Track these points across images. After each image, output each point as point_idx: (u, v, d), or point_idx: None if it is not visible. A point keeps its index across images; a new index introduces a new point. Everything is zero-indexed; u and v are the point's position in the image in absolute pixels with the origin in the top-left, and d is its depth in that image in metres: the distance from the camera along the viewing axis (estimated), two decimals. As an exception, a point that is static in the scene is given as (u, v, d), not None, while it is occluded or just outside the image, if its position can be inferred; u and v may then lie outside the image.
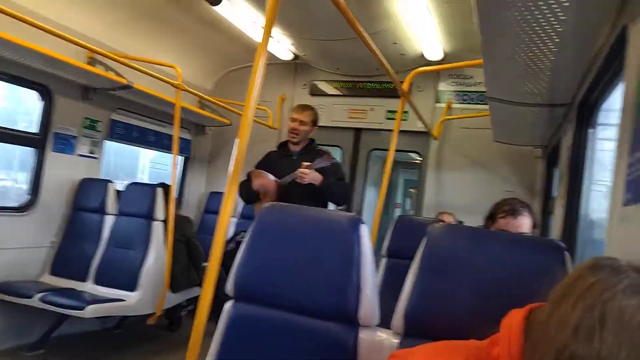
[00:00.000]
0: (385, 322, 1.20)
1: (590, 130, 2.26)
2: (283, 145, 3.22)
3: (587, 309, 0.62)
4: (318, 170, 2.84)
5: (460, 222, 3.69)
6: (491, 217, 1.99)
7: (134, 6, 3.81)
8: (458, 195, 4.41)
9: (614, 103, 1.90)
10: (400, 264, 2.42)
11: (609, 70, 1.77)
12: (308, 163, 2.83)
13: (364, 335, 1.16)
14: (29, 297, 3.15)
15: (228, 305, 1.28)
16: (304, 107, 3.16)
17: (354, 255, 1.18)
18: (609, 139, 2.16)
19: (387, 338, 1.14)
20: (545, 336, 0.67)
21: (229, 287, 1.29)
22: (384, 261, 2.63)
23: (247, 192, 3.02)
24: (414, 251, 1.17)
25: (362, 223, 1.23)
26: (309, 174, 2.80)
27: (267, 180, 2.94)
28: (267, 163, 3.11)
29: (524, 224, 1.91)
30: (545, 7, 1.42)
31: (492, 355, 0.77)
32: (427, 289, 1.09)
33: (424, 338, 1.05)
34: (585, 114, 2.26)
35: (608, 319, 0.60)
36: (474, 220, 3.04)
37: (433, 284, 1.09)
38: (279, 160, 3.09)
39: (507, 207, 1.94)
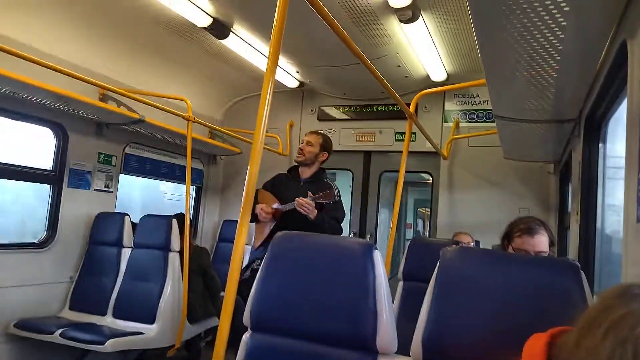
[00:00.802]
0: (405, 348, 1.19)
1: (599, 145, 2.26)
2: (293, 170, 3.25)
3: (619, 343, 0.60)
4: (317, 204, 2.83)
5: (477, 242, 3.66)
6: (507, 236, 1.98)
7: (142, 42, 3.92)
8: (471, 214, 4.38)
9: (622, 117, 1.90)
10: (417, 286, 2.41)
11: (612, 85, 1.79)
12: (310, 195, 2.82)
13: (382, 363, 1.16)
14: (50, 333, 3.16)
15: (246, 336, 1.29)
16: (314, 132, 3.24)
17: (369, 281, 1.19)
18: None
19: (406, 365, 1.14)
20: None
21: (246, 317, 1.30)
22: (400, 284, 2.61)
23: (252, 210, 3.05)
24: (430, 273, 1.17)
25: (375, 249, 1.24)
26: (308, 207, 2.77)
27: (267, 207, 2.97)
28: (274, 184, 3.14)
29: (542, 242, 1.89)
30: (543, 27, 1.45)
31: None
32: (443, 314, 1.09)
33: (443, 364, 1.05)
34: (593, 129, 2.26)
35: None
36: (489, 239, 3.03)
37: (449, 309, 1.08)
38: (286, 183, 3.13)
39: (523, 226, 1.93)
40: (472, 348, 1.03)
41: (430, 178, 4.84)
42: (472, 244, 3.45)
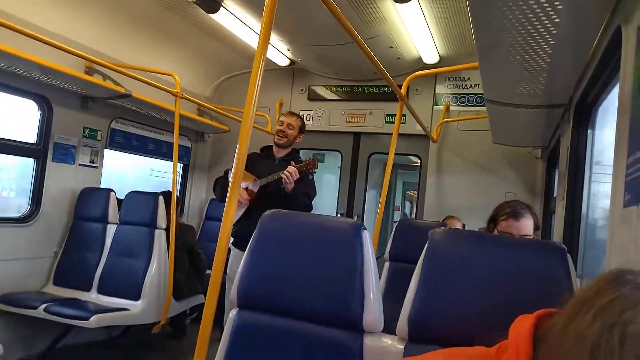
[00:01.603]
0: (389, 327, 1.20)
1: (588, 131, 2.28)
2: (266, 149, 3.27)
3: (607, 328, 0.59)
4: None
5: (463, 225, 3.70)
6: (493, 220, 2.01)
7: (130, 15, 3.83)
8: (458, 197, 4.41)
9: (612, 103, 1.91)
10: (403, 267, 2.45)
11: (605, 71, 1.79)
12: (293, 164, 2.86)
13: (369, 341, 1.17)
14: (34, 308, 3.15)
15: (233, 313, 1.29)
16: (292, 113, 3.25)
17: (357, 261, 1.19)
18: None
19: (392, 344, 1.15)
20: (560, 349, 0.65)
21: (233, 294, 1.30)
22: (386, 265, 2.64)
23: (222, 190, 3.07)
24: (417, 255, 1.18)
25: (364, 229, 1.24)
26: (293, 176, 2.81)
27: (245, 193, 2.97)
28: (247, 162, 3.13)
29: (527, 225, 1.92)
30: (539, 11, 1.44)
31: None
32: (430, 294, 1.09)
33: (429, 343, 1.06)
34: (583, 115, 2.27)
35: (628, 340, 0.57)
36: (476, 222, 3.06)
37: (436, 289, 1.09)
38: (259, 161, 3.12)
39: (509, 210, 1.95)
40: (458, 328, 1.04)
41: (419, 161, 4.85)
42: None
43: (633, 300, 0.60)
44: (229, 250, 3.19)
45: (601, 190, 2.23)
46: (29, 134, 3.60)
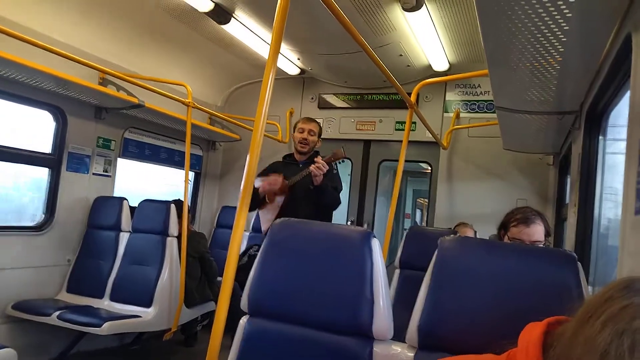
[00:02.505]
0: (400, 335, 1.20)
1: (600, 138, 2.26)
2: (288, 156, 3.30)
3: (617, 335, 0.59)
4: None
5: (474, 232, 3.67)
6: (504, 226, 1.99)
7: (143, 26, 3.89)
8: (469, 204, 4.39)
9: (624, 110, 1.90)
10: (414, 275, 2.44)
11: (615, 78, 1.78)
12: (320, 158, 2.87)
13: (378, 349, 1.17)
14: (47, 315, 3.19)
15: (243, 321, 1.30)
16: (310, 119, 3.26)
17: (367, 269, 1.19)
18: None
19: (402, 352, 1.15)
20: (570, 355, 0.65)
21: (244, 302, 1.31)
22: (396, 272, 2.63)
23: (252, 198, 3.07)
24: (427, 262, 1.18)
25: (374, 237, 1.24)
26: (322, 168, 2.79)
27: (274, 177, 2.99)
28: (271, 171, 3.16)
29: (537, 232, 1.91)
30: (548, 18, 1.44)
31: None
32: (440, 302, 1.09)
33: (439, 351, 1.06)
34: (594, 122, 2.26)
35: (638, 348, 0.58)
36: (487, 229, 3.04)
37: (446, 297, 1.09)
38: (284, 168, 3.15)
39: (519, 216, 1.94)
40: (468, 336, 1.04)
41: (429, 168, 4.84)
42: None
43: None
44: (253, 258, 3.21)
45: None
46: (45, 144, 3.66)
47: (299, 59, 4.46)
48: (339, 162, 3.03)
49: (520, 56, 1.78)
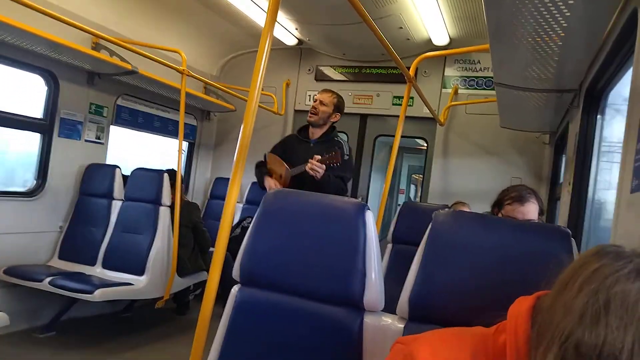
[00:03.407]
0: (390, 307, 1.21)
1: (597, 117, 2.25)
2: (303, 130, 3.17)
3: (592, 294, 0.62)
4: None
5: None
6: (498, 204, 2.00)
7: (138, -9, 3.79)
8: (464, 181, 4.40)
9: (622, 91, 1.88)
10: (406, 249, 2.45)
11: (617, 56, 1.75)
12: (319, 157, 2.76)
13: (369, 319, 1.17)
14: (39, 280, 3.19)
15: (235, 290, 1.30)
16: (327, 90, 3.13)
17: (360, 240, 1.19)
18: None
19: (392, 323, 1.16)
20: (551, 323, 0.66)
21: (236, 271, 1.30)
22: (389, 247, 2.64)
23: (260, 178, 3.05)
24: (419, 237, 1.17)
25: (368, 209, 1.24)
26: (318, 170, 2.72)
27: (277, 178, 2.96)
28: (284, 147, 3.11)
29: (531, 210, 1.92)
30: (553, -9, 1.40)
31: (498, 342, 0.77)
32: (432, 275, 1.09)
33: (429, 323, 1.06)
34: (593, 100, 2.24)
35: (612, 303, 0.60)
36: (481, 207, 3.05)
37: (438, 270, 1.09)
38: (296, 145, 3.07)
39: (514, 194, 1.95)
40: (458, 309, 1.04)
41: (425, 144, 4.83)
42: None
43: (614, 267, 0.64)
44: (246, 229, 3.21)
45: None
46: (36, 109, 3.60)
47: (296, 28, 4.38)
48: (335, 165, 2.83)
49: (523, 31, 1.74)
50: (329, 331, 1.17)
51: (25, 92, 3.62)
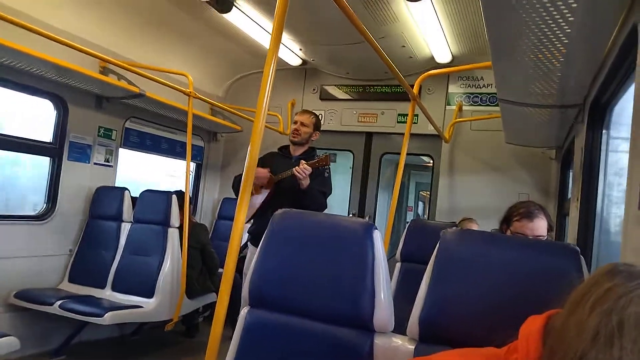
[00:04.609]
0: (400, 327, 1.20)
1: (603, 132, 2.25)
2: (284, 148, 3.30)
3: (604, 315, 0.62)
4: (310, 174, 2.87)
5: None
6: (506, 221, 1.99)
7: (143, 14, 3.87)
8: (471, 198, 4.38)
9: (627, 103, 1.88)
10: (415, 268, 2.44)
11: (620, 71, 1.76)
12: (304, 163, 2.87)
13: (379, 341, 1.17)
14: (49, 304, 3.20)
15: (244, 312, 1.30)
16: (306, 111, 3.28)
17: (368, 261, 1.19)
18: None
19: (403, 344, 1.15)
20: (562, 342, 0.66)
21: (244, 293, 1.30)
22: (398, 265, 2.63)
23: (239, 185, 3.07)
24: (428, 255, 1.17)
25: (375, 229, 1.24)
26: (304, 172, 2.82)
27: (261, 171, 3.00)
28: (263, 161, 3.17)
29: (540, 226, 1.90)
30: (553, 9, 1.42)
31: None
32: (441, 295, 1.09)
33: (440, 344, 1.05)
34: (597, 115, 2.24)
35: (626, 325, 0.60)
36: (489, 223, 3.03)
37: (447, 290, 1.09)
38: (278, 160, 3.16)
39: (522, 210, 1.93)
40: (469, 329, 1.03)
41: (431, 161, 4.83)
42: None
43: (627, 287, 0.63)
44: (247, 247, 3.24)
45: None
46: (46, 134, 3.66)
47: (300, 49, 4.44)
48: (326, 169, 3.02)
49: (525, 47, 1.76)
50: (339, 353, 1.16)
51: (35, 117, 3.68)
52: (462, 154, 4.53)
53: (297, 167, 2.85)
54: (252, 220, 3.13)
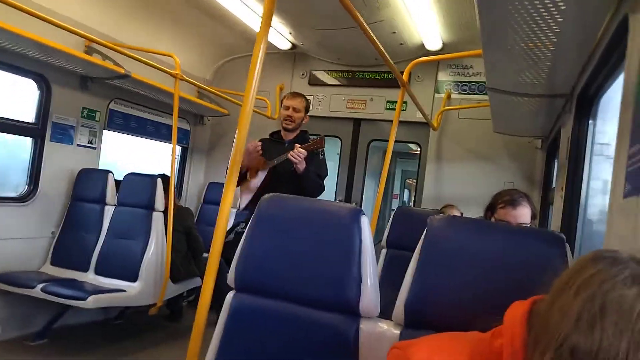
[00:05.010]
0: (385, 313, 1.21)
1: (590, 122, 2.26)
2: (275, 134, 3.24)
3: (588, 300, 0.63)
4: (305, 157, 2.83)
5: (461, 214, 3.70)
6: (491, 208, 2.01)
7: (132, -5, 3.78)
8: (457, 186, 4.41)
9: (615, 94, 1.90)
10: (400, 254, 2.45)
11: (609, 61, 1.77)
12: (299, 146, 2.82)
13: (364, 326, 1.17)
14: (31, 287, 3.16)
15: (230, 296, 1.29)
16: (296, 94, 3.18)
17: (355, 246, 1.19)
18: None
19: (388, 329, 1.15)
20: (547, 327, 0.67)
21: (230, 278, 1.30)
22: (383, 252, 2.64)
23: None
24: (414, 242, 1.18)
25: (363, 214, 1.24)
26: (300, 156, 2.77)
27: (254, 174, 2.96)
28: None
29: (524, 214, 1.92)
30: (545, -3, 1.42)
31: (494, 347, 0.78)
32: (427, 280, 1.10)
33: (425, 329, 1.06)
34: (585, 105, 2.26)
35: (608, 308, 0.61)
36: (474, 211, 3.07)
37: (433, 276, 1.09)
38: (270, 146, 3.09)
39: (506, 198, 1.96)
40: (454, 314, 1.04)
41: (419, 149, 4.84)
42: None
43: (611, 273, 0.65)
44: (240, 235, 3.20)
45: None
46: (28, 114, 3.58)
47: (290, 33, 4.38)
48: (321, 152, 2.97)
49: (515, 36, 1.76)
50: (325, 338, 1.17)
51: (17, 96, 3.59)
52: (449, 142, 4.55)
53: (292, 151, 2.80)
54: (247, 208, 3.08)
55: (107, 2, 3.74)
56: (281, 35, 4.47)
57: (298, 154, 2.77)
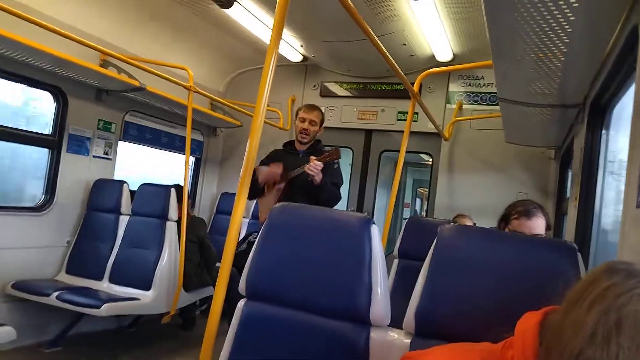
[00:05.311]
0: (396, 322, 1.21)
1: (602, 131, 2.25)
2: (289, 144, 3.23)
3: (603, 313, 0.62)
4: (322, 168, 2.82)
5: (474, 224, 3.67)
6: (505, 219, 1.99)
7: (145, 8, 3.86)
8: (470, 196, 4.39)
9: (628, 103, 1.89)
10: (412, 264, 2.44)
11: (620, 71, 1.76)
12: (313, 158, 2.82)
13: (375, 335, 1.17)
14: (46, 295, 3.20)
15: (241, 304, 1.30)
16: (313, 107, 3.14)
17: (365, 255, 1.19)
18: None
19: (399, 338, 1.15)
20: (559, 339, 0.66)
21: (242, 286, 1.31)
22: (395, 262, 2.63)
23: (252, 187, 3.04)
24: (425, 252, 1.18)
25: (373, 223, 1.24)
26: (316, 169, 2.77)
27: (275, 167, 2.96)
28: (270, 160, 3.12)
29: (538, 225, 1.90)
30: (554, 8, 1.42)
31: (506, 358, 0.77)
32: (438, 290, 1.09)
33: (435, 339, 1.06)
34: (597, 115, 2.24)
35: (624, 323, 0.60)
36: (487, 221, 3.04)
37: (444, 285, 1.09)
38: (284, 157, 3.08)
39: (520, 208, 1.94)
40: (465, 324, 1.04)
41: (430, 159, 4.83)
42: None
43: (626, 286, 0.63)
44: (252, 244, 3.20)
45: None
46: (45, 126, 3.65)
47: (302, 45, 4.43)
48: (336, 163, 2.96)
49: (525, 47, 1.76)
50: (335, 346, 1.17)
51: (34, 109, 3.67)
52: (461, 152, 4.53)
53: (308, 164, 2.78)
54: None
55: (122, 16, 3.83)
56: (292, 48, 4.52)
57: (315, 167, 2.76)
